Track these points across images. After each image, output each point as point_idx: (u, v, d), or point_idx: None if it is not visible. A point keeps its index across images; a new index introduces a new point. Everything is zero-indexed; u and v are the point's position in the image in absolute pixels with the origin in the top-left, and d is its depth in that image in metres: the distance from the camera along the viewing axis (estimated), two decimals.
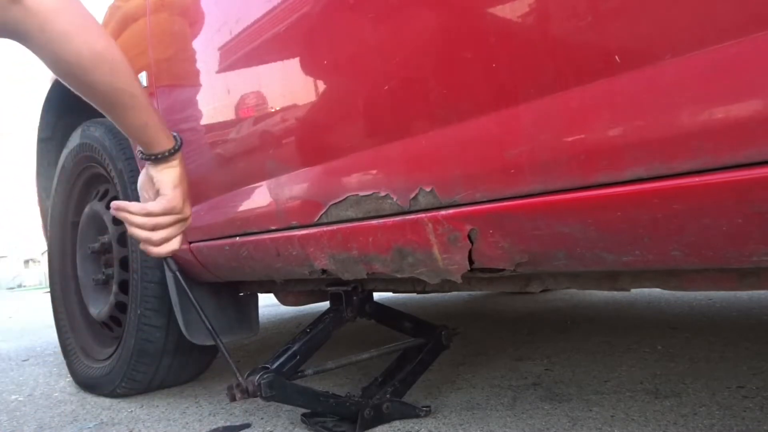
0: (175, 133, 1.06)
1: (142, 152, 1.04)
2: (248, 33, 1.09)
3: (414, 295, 3.31)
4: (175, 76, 1.38)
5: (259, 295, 1.68)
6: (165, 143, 1.02)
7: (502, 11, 0.69)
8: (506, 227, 0.73)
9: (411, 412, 1.19)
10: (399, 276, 0.93)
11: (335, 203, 0.94)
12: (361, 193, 0.90)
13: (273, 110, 1.07)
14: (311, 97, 0.99)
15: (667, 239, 0.62)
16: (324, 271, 1.07)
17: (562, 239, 0.69)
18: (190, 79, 1.32)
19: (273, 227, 1.11)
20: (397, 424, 1.17)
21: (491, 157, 0.71)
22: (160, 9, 1.42)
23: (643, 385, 1.26)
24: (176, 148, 1.04)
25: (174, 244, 1.06)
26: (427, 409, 1.20)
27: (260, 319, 1.66)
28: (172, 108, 1.38)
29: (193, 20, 1.31)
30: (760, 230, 0.55)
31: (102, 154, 1.66)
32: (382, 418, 1.17)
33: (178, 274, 1.11)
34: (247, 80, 1.14)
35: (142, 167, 1.08)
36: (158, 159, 1.03)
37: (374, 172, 0.88)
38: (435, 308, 2.82)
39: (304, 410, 1.22)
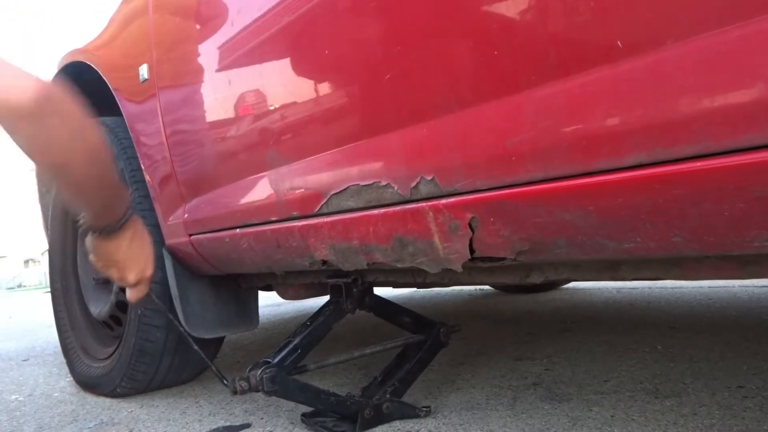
0: None
1: (125, 214, 1.02)
2: (250, 24, 1.09)
3: (414, 294, 3.31)
4: (176, 68, 1.38)
5: (260, 293, 1.69)
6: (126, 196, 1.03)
7: None
8: (507, 215, 0.73)
9: (411, 412, 1.19)
10: (399, 266, 0.93)
11: (336, 193, 0.94)
12: (362, 183, 0.90)
13: (274, 101, 1.07)
14: (312, 87, 0.99)
15: (668, 225, 0.61)
16: (324, 262, 1.07)
17: (563, 227, 0.69)
18: (192, 71, 1.33)
19: (273, 218, 1.11)
20: (397, 424, 1.17)
21: (492, 144, 0.71)
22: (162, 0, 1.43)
23: (643, 385, 1.26)
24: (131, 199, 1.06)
25: None
26: (427, 409, 1.20)
27: (261, 319, 1.66)
28: (173, 101, 1.38)
29: (195, 11, 1.32)
30: (762, 215, 0.55)
31: None
32: (382, 418, 1.16)
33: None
34: (248, 71, 1.14)
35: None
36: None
37: (375, 161, 0.88)
38: (435, 308, 2.82)
39: (303, 410, 1.22)
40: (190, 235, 1.38)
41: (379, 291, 1.36)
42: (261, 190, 1.14)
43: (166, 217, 1.45)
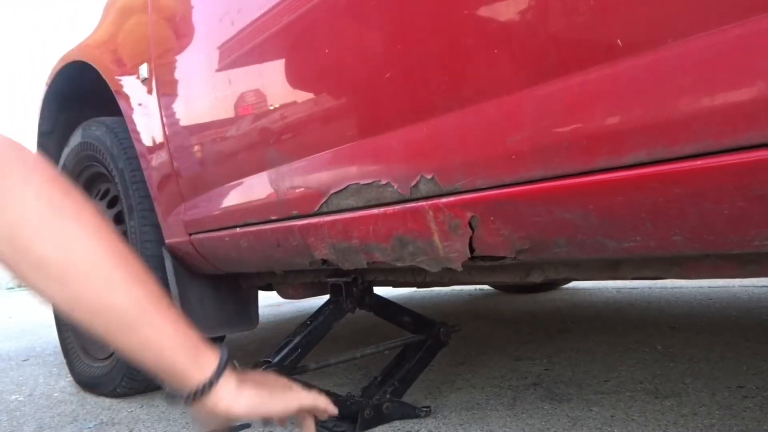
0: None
1: (196, 391, 0.65)
2: (250, 23, 1.09)
3: (414, 294, 3.30)
4: (176, 67, 1.38)
5: (260, 292, 1.68)
6: (210, 354, 0.68)
7: None
8: (507, 214, 0.73)
9: (411, 412, 1.19)
10: (399, 265, 0.93)
11: (336, 192, 0.94)
12: (362, 182, 0.90)
13: (274, 100, 1.07)
14: (312, 86, 1.00)
15: (668, 224, 0.62)
16: (324, 261, 1.07)
17: (563, 225, 0.69)
18: (192, 70, 1.33)
19: (273, 217, 1.11)
20: (397, 424, 1.16)
21: (492, 143, 0.71)
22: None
23: (643, 385, 1.26)
24: (227, 353, 0.70)
25: None
26: (427, 409, 1.20)
27: (261, 319, 1.66)
28: (173, 101, 1.38)
29: (195, 11, 1.32)
30: (762, 214, 0.55)
31: (103, 153, 1.66)
32: (382, 418, 1.16)
33: None
34: (248, 71, 1.13)
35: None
36: (220, 374, 0.67)
37: (375, 160, 0.88)
38: (435, 308, 2.82)
39: None
40: (190, 235, 1.38)
41: (379, 290, 1.35)
42: (261, 189, 1.14)
43: (166, 217, 1.45)
